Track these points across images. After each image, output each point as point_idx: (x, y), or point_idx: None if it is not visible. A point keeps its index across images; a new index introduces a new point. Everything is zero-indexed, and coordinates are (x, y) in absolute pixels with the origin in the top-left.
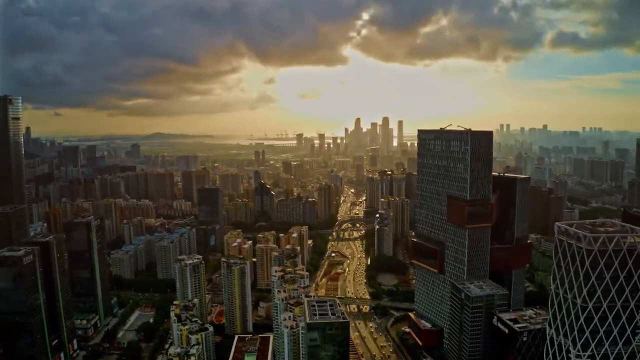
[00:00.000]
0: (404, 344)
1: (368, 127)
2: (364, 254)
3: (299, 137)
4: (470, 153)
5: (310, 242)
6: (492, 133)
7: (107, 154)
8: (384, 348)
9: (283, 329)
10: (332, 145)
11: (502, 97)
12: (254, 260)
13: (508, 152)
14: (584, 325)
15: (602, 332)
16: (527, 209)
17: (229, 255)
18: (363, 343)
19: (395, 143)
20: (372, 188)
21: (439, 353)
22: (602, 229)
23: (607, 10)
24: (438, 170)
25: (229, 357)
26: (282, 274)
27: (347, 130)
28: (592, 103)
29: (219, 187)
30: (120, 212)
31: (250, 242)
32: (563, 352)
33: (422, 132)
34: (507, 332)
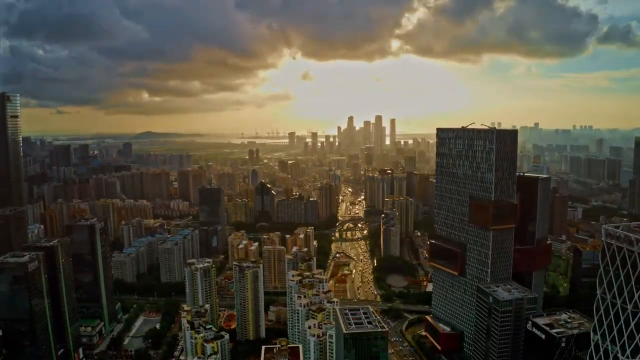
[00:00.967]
0: (421, 348)
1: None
2: (369, 255)
3: (291, 135)
4: (496, 152)
5: (315, 243)
6: (516, 132)
7: (98, 153)
8: (400, 351)
9: (309, 338)
10: (325, 144)
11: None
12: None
13: None
14: (635, 332)
15: None
16: (547, 209)
17: (241, 259)
18: None
19: (388, 141)
20: (372, 187)
21: (459, 357)
22: None
23: None
24: (459, 170)
25: None
26: (299, 278)
27: (339, 129)
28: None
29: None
30: (118, 212)
31: (257, 243)
32: (610, 358)
33: (441, 130)
34: (544, 337)
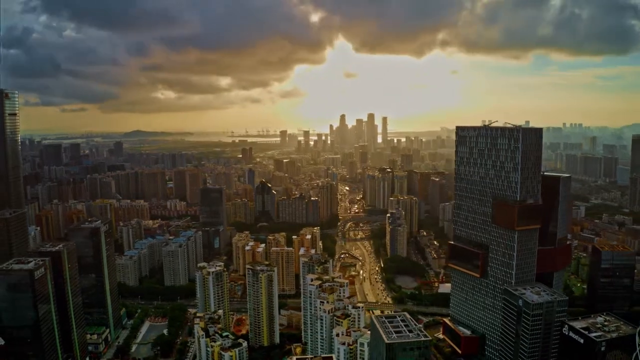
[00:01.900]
0: (440, 352)
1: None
2: (375, 255)
3: (283, 134)
4: (521, 151)
5: (320, 243)
6: (542, 130)
7: (88, 152)
8: None
9: (339, 347)
10: (317, 142)
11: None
12: None
13: None
14: None
15: None
16: (568, 209)
17: (254, 262)
18: None
19: (380, 139)
20: (372, 186)
21: None
22: None
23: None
24: (481, 170)
25: None
26: (319, 283)
27: (331, 127)
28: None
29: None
30: (115, 213)
31: (263, 245)
32: None
33: (461, 129)
34: (582, 342)
